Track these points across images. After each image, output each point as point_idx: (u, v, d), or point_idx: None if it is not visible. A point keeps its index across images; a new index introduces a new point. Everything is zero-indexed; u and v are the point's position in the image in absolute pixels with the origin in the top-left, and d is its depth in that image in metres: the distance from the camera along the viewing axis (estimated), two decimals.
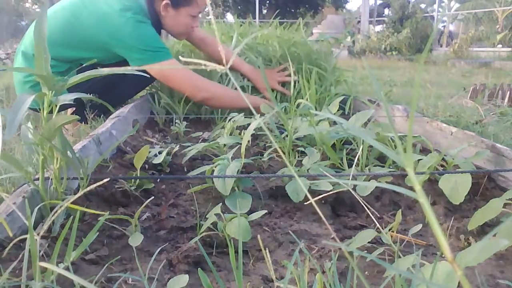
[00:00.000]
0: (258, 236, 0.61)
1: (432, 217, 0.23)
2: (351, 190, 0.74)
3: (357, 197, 0.78)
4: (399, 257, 0.68)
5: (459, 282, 0.50)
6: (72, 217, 0.64)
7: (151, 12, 1.80)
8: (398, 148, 0.25)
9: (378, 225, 0.77)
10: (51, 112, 0.77)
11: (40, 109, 0.76)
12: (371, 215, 0.78)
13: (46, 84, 0.72)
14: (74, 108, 1.78)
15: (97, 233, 0.60)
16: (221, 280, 0.54)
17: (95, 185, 0.55)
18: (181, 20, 1.82)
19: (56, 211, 0.55)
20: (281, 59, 2.10)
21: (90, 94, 0.87)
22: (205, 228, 0.79)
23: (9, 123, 0.60)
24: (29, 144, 0.76)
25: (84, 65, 0.93)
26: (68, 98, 0.73)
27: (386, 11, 15.73)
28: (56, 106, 0.76)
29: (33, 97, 0.68)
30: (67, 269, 0.55)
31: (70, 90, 1.25)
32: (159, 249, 0.75)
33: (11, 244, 0.59)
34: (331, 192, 0.87)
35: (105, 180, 0.60)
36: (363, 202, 0.76)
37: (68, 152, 0.82)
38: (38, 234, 0.50)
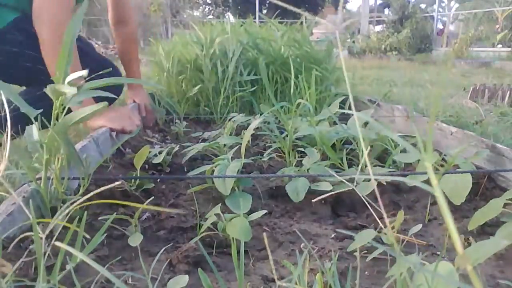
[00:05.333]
0: (264, 234, 0.61)
1: (447, 213, 0.23)
2: (355, 189, 0.74)
3: (360, 196, 0.78)
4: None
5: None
6: (73, 217, 0.64)
7: None
8: (407, 146, 0.25)
9: (381, 224, 0.77)
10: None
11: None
12: (373, 213, 0.77)
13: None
14: None
15: (103, 235, 0.60)
16: (222, 280, 0.54)
17: (105, 187, 0.55)
18: None
19: (61, 212, 0.55)
20: (286, 59, 2.09)
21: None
22: (205, 228, 0.79)
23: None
24: (34, 143, 0.76)
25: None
26: (81, 98, 0.73)
27: (386, 11, 15.73)
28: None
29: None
30: (71, 270, 0.55)
31: None
32: (159, 250, 0.75)
33: (13, 243, 0.59)
34: (333, 193, 0.87)
35: (117, 183, 0.60)
36: (366, 201, 0.76)
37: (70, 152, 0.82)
38: (43, 233, 0.50)
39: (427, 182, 1.10)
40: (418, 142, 0.25)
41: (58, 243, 0.34)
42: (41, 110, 0.76)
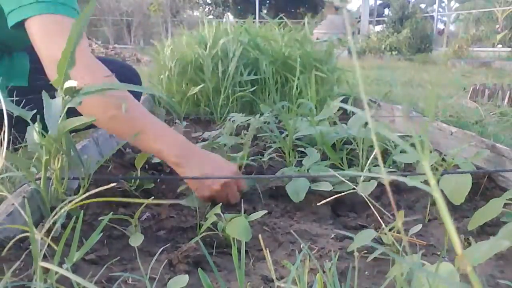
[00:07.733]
0: (259, 236, 0.61)
1: (446, 214, 0.23)
2: (356, 189, 0.74)
3: (362, 195, 0.78)
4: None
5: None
6: (73, 217, 0.64)
7: None
8: (405, 146, 0.25)
9: (382, 223, 0.77)
10: None
11: None
12: (375, 212, 0.77)
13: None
14: None
15: (100, 233, 0.60)
16: (222, 280, 0.54)
17: (102, 188, 0.55)
18: None
19: (57, 211, 0.55)
20: (287, 59, 2.09)
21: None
22: (205, 228, 0.79)
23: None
24: (34, 145, 0.76)
25: None
26: (79, 100, 0.73)
27: (386, 11, 15.72)
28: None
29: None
30: (69, 269, 0.55)
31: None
32: (159, 250, 0.75)
33: (11, 243, 0.59)
34: (336, 196, 0.86)
35: (112, 185, 0.60)
36: (368, 200, 0.76)
37: (71, 152, 0.82)
38: (40, 233, 0.50)
39: (427, 182, 1.11)
40: (415, 142, 0.25)
41: (43, 263, 0.34)
42: (34, 111, 0.76)
